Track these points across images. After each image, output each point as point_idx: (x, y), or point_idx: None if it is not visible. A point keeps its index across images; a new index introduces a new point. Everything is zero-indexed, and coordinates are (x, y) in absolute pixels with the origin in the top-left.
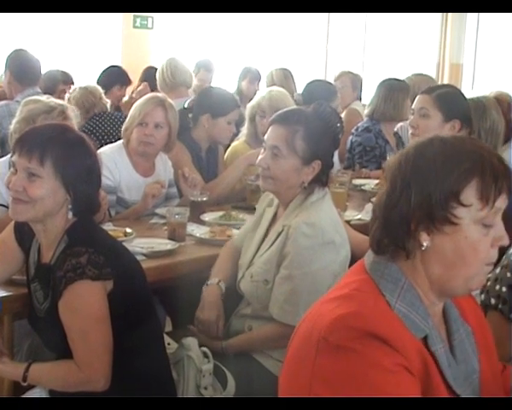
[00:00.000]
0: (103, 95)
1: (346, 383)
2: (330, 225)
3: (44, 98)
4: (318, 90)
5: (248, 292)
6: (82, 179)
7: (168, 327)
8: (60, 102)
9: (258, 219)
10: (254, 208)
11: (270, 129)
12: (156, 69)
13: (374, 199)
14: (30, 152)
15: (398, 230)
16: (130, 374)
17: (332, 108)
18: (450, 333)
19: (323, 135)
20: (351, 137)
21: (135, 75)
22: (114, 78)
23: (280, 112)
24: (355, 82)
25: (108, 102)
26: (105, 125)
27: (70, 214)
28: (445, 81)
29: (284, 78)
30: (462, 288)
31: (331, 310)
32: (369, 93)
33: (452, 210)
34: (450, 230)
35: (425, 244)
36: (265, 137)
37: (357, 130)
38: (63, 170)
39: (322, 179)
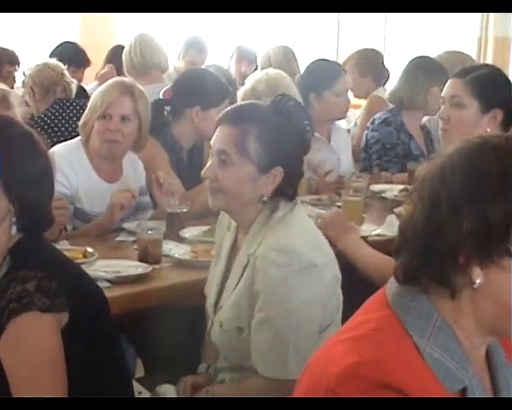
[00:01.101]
0: (66, 72)
1: None
2: (306, 244)
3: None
4: (319, 73)
5: (221, 344)
6: (29, 186)
7: (139, 372)
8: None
9: (218, 249)
10: None
11: (216, 130)
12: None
13: (397, 210)
14: None
15: (441, 263)
16: None
17: (296, 100)
18: (496, 381)
19: (285, 135)
20: (366, 132)
21: (98, 55)
22: (68, 57)
23: (228, 108)
24: (379, 62)
25: (74, 83)
26: (70, 115)
27: (14, 229)
28: (489, 60)
29: (284, 58)
30: None
31: (342, 355)
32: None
33: None
34: (510, 263)
35: (478, 281)
36: (211, 141)
37: (373, 123)
38: (5, 174)
39: (287, 191)
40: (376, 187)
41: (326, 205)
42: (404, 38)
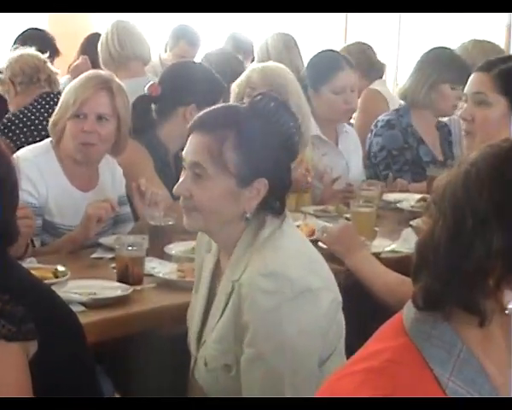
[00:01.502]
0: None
1: None
2: (299, 267)
3: None
4: (318, 66)
5: (206, 384)
6: None
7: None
8: None
9: (198, 273)
10: None
11: (188, 140)
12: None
13: (414, 222)
14: None
15: (468, 286)
16: None
17: (279, 100)
18: None
19: (267, 140)
20: (369, 136)
21: (70, 45)
22: (34, 46)
23: (201, 114)
24: (367, 55)
25: (59, 73)
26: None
27: None
28: None
29: (284, 48)
30: None
31: (352, 391)
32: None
33: None
34: None
35: (510, 306)
36: (183, 152)
37: (376, 126)
38: None
39: (273, 205)
40: (390, 196)
41: (333, 217)
42: (423, 28)
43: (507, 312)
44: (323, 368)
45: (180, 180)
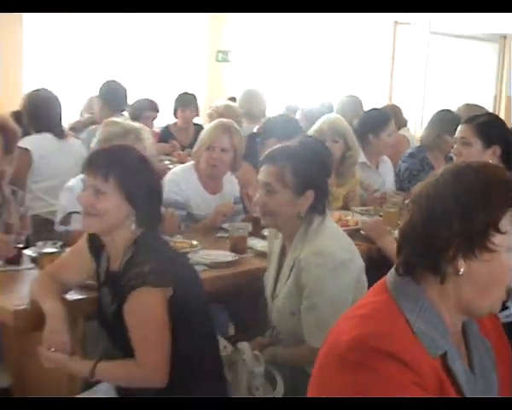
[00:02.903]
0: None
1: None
2: (336, 246)
3: (122, 121)
4: (376, 119)
5: (278, 324)
6: (144, 195)
7: (231, 332)
8: (136, 125)
9: (269, 251)
10: None
11: (261, 169)
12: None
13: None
14: (95, 170)
15: (436, 256)
16: (185, 373)
17: (318, 139)
18: (470, 349)
19: (311, 166)
20: (399, 163)
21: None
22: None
23: (268, 151)
24: (396, 113)
25: None
26: None
27: (133, 226)
28: (502, 114)
29: (354, 106)
30: (488, 310)
31: (350, 328)
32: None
33: (492, 238)
34: (488, 256)
35: (462, 270)
36: (258, 176)
37: (404, 156)
38: (126, 186)
39: (318, 208)
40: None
41: (371, 214)
42: (439, 93)
43: (460, 273)
44: None
45: (257, 196)
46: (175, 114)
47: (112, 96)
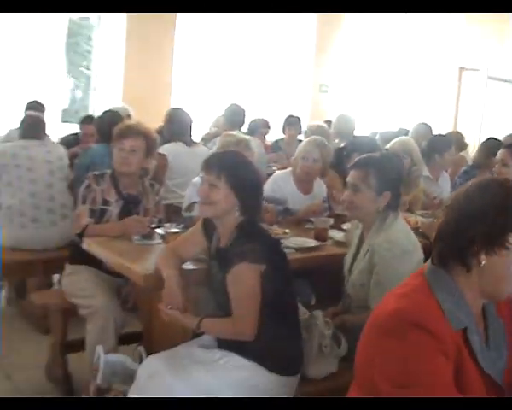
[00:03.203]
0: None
1: (394, 361)
2: (403, 239)
3: (236, 133)
4: (442, 142)
5: (352, 293)
6: (247, 190)
7: (313, 301)
8: (246, 137)
9: (351, 238)
10: None
11: (350, 173)
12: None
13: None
14: (210, 169)
15: (463, 250)
16: (271, 331)
17: (394, 153)
18: (487, 326)
19: (390, 172)
20: (455, 178)
21: None
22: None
23: (356, 159)
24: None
25: None
26: None
27: (237, 214)
28: None
29: (425, 131)
30: (504, 295)
31: (391, 303)
32: None
33: (509, 239)
34: (505, 253)
35: (483, 262)
36: (347, 179)
37: (460, 172)
38: (233, 182)
39: (392, 206)
40: None
41: (429, 216)
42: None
43: (481, 265)
44: None
45: (345, 194)
46: (283, 131)
47: (233, 116)
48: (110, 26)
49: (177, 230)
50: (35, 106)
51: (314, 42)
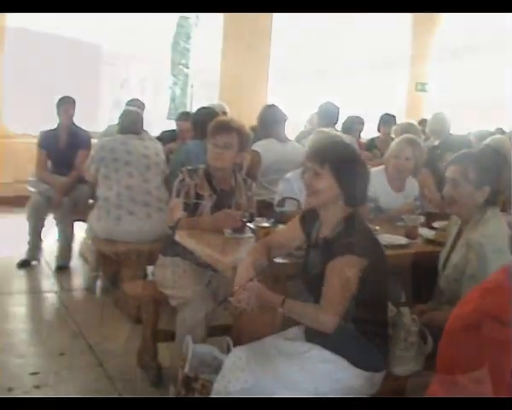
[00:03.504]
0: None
1: (475, 355)
2: (499, 236)
3: (329, 130)
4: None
5: (444, 287)
6: (350, 179)
7: (403, 299)
8: (339, 134)
9: (449, 234)
10: None
11: (448, 168)
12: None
13: None
14: (315, 157)
15: None
16: (359, 323)
17: (494, 148)
18: None
19: (489, 167)
20: None
21: None
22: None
23: (456, 154)
24: None
25: None
26: None
27: (341, 204)
28: None
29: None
30: None
31: (476, 297)
32: None
33: None
34: None
35: None
36: (446, 173)
37: None
38: (337, 172)
39: (491, 201)
40: None
41: None
42: None
43: None
44: None
45: (445, 188)
46: (378, 129)
47: (326, 114)
48: (208, 25)
49: (267, 224)
50: (134, 103)
51: (410, 40)
